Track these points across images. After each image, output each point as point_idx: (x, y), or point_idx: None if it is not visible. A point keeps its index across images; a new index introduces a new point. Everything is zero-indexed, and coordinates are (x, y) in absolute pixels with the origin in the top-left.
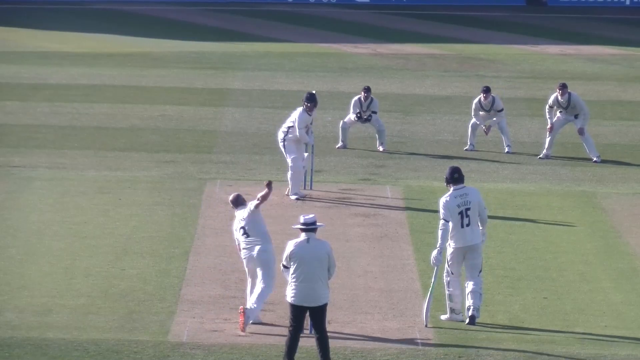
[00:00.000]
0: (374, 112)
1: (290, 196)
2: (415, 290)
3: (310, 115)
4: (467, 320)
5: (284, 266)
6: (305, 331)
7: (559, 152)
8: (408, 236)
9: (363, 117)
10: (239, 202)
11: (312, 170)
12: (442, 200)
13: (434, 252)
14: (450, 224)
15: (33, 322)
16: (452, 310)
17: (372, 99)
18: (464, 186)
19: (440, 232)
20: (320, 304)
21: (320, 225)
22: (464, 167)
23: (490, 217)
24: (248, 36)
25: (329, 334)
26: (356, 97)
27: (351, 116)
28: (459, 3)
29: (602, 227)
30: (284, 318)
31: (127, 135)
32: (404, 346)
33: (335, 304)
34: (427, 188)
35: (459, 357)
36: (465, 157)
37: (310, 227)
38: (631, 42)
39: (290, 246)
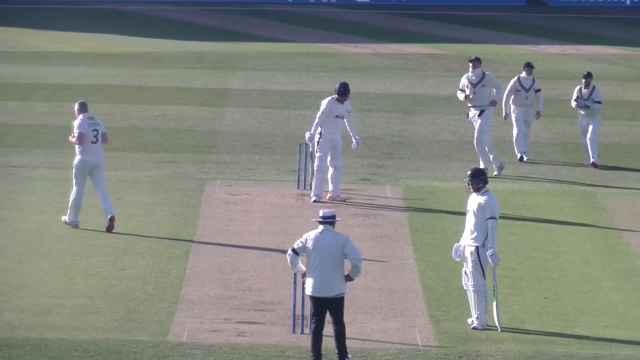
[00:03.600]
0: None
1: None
2: (415, 290)
3: (341, 104)
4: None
5: (294, 250)
6: (305, 331)
7: (559, 152)
8: (408, 236)
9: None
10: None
11: (312, 170)
12: (494, 198)
13: (494, 252)
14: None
15: (32, 322)
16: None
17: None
18: None
19: (495, 231)
20: (334, 294)
21: (338, 220)
22: (464, 167)
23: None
24: (248, 36)
25: (329, 335)
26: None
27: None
28: (459, 3)
29: (602, 227)
30: (284, 318)
31: (127, 135)
32: (404, 346)
33: None
34: (427, 188)
35: (459, 357)
36: (465, 157)
37: (326, 220)
38: (631, 42)
39: (305, 236)
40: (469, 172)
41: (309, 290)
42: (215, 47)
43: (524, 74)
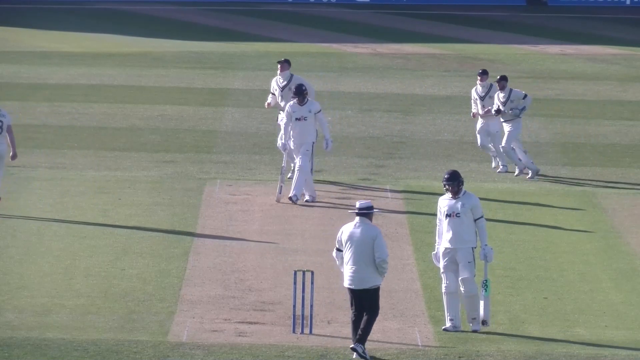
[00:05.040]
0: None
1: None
2: (415, 290)
3: (300, 106)
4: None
5: (337, 249)
6: (305, 330)
7: (559, 152)
8: (408, 236)
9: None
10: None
11: (312, 170)
12: (477, 198)
13: (489, 249)
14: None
15: (33, 322)
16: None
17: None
18: None
19: (485, 228)
20: (367, 287)
21: (375, 211)
22: (464, 167)
23: (490, 217)
24: (248, 36)
25: (329, 335)
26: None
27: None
28: (459, 3)
29: (602, 227)
30: (284, 318)
31: (127, 135)
32: (404, 346)
33: (335, 304)
34: (427, 188)
35: (459, 357)
36: (465, 157)
37: (361, 212)
38: (631, 42)
39: (341, 230)
40: (447, 176)
41: (345, 282)
42: (215, 47)
43: (478, 81)
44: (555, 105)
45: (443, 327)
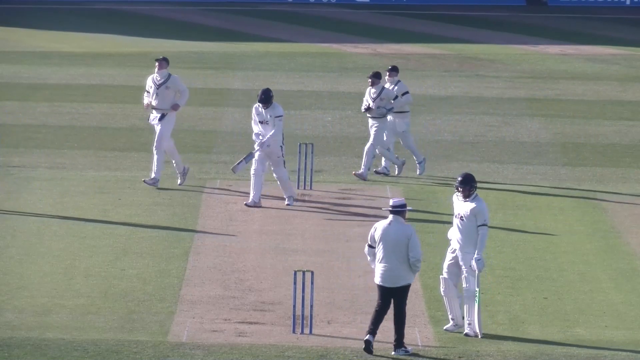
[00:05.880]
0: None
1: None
2: (415, 290)
3: (264, 110)
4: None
5: (369, 245)
6: (305, 331)
7: (559, 152)
8: None
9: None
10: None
11: (311, 170)
12: (485, 204)
13: (480, 257)
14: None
15: (32, 322)
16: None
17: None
18: None
19: (485, 237)
20: (399, 285)
21: (409, 209)
22: (464, 167)
23: (490, 217)
24: (248, 36)
25: (329, 335)
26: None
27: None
28: (459, 3)
29: (602, 227)
30: (284, 318)
31: (126, 135)
32: None
33: (335, 304)
34: (427, 188)
35: (459, 357)
36: (465, 157)
37: (395, 210)
38: (631, 42)
39: (374, 227)
40: (460, 179)
41: (376, 279)
42: (215, 47)
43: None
44: (555, 105)
45: (444, 327)
